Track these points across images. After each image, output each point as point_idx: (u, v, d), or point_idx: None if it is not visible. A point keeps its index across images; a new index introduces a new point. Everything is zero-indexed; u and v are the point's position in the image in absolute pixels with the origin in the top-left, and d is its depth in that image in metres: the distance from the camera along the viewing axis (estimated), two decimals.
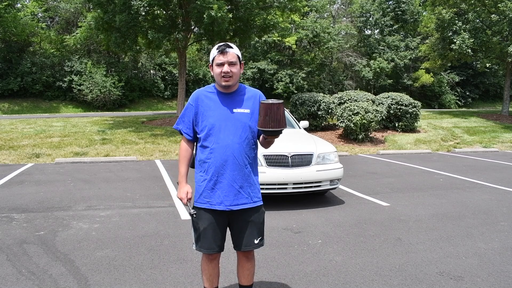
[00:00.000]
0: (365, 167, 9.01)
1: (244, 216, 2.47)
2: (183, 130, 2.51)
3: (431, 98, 32.34)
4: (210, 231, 2.44)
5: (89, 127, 14.43)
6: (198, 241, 2.47)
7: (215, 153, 2.39)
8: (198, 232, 2.46)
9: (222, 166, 2.38)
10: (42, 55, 25.17)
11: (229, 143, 2.38)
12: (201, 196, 2.44)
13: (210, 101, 2.44)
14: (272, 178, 5.20)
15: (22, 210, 5.18)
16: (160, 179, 7.32)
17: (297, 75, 26.36)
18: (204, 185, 2.43)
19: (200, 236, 2.46)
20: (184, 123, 2.50)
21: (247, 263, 2.59)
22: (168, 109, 26.22)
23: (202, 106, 2.44)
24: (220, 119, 2.39)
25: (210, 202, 2.42)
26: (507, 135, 15.17)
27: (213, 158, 2.39)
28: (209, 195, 2.42)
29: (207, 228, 2.44)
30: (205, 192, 2.43)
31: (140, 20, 14.44)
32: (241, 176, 2.42)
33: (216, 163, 2.38)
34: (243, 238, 2.49)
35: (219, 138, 2.38)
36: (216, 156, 2.39)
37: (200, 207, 2.45)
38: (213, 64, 2.41)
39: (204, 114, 2.42)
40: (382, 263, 3.61)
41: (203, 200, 2.44)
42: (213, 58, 2.40)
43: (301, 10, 18.27)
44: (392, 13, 31.47)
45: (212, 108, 2.42)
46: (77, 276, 3.27)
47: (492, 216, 5.17)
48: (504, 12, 17.55)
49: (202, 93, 2.48)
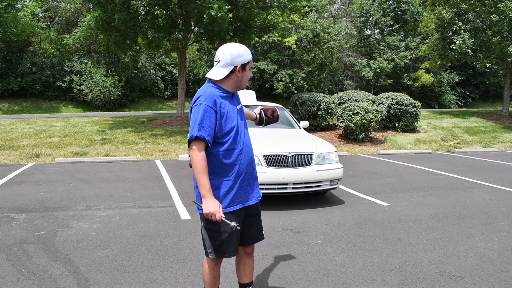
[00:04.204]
0: (365, 167, 9.01)
1: (256, 209, 2.56)
2: (207, 137, 2.27)
3: (431, 98, 32.35)
4: (236, 233, 2.41)
5: (89, 127, 14.43)
6: (221, 248, 2.39)
7: (244, 153, 2.42)
8: (221, 239, 2.37)
9: (250, 164, 2.48)
10: (42, 55, 25.17)
11: (248, 141, 2.50)
12: (231, 200, 2.38)
13: (226, 102, 2.39)
14: (272, 178, 5.20)
15: (22, 210, 5.18)
16: (160, 179, 7.32)
17: (297, 75, 26.36)
18: (234, 189, 2.37)
19: (225, 241, 2.38)
20: (205, 128, 2.26)
21: (248, 260, 2.62)
22: (168, 109, 26.22)
23: (223, 108, 2.35)
24: (237, 119, 2.43)
25: (242, 201, 2.43)
26: (507, 135, 15.17)
27: (243, 158, 2.41)
28: (240, 195, 2.41)
29: (234, 231, 2.36)
30: (237, 194, 2.39)
31: (140, 20, 14.45)
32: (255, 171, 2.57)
33: (246, 163, 2.43)
34: (255, 231, 2.57)
35: (243, 138, 2.44)
36: (245, 155, 2.42)
37: (232, 210, 2.38)
38: (246, 67, 2.41)
39: (228, 116, 2.36)
40: (382, 263, 3.61)
41: (235, 202, 2.39)
42: (247, 62, 2.40)
43: (301, 10, 18.29)
44: (392, 13, 31.47)
45: (230, 109, 2.39)
46: (77, 276, 3.27)
47: (492, 216, 5.17)
48: (504, 12, 17.54)
49: (218, 95, 2.36)
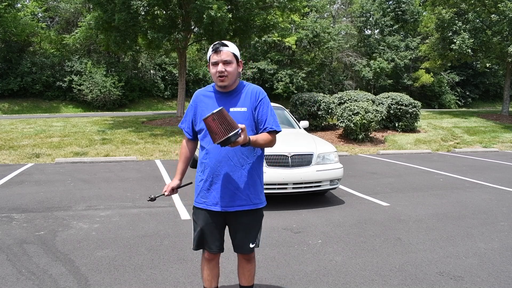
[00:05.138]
0: (365, 167, 9.01)
1: (241, 219, 2.41)
2: (184, 129, 2.56)
3: (431, 98, 32.35)
4: (207, 231, 2.44)
5: (89, 127, 14.43)
6: (195, 240, 2.49)
7: (210, 154, 2.36)
8: (196, 232, 2.48)
9: (216, 167, 2.35)
10: (42, 55, 25.17)
11: None
12: (198, 196, 2.45)
13: (209, 100, 2.41)
14: (272, 178, 5.20)
15: (22, 210, 5.18)
16: (160, 179, 7.32)
17: (297, 75, 26.36)
18: (201, 185, 2.43)
19: (198, 236, 2.47)
20: (186, 122, 2.54)
21: (247, 265, 2.57)
22: (168, 109, 26.22)
23: (201, 106, 2.42)
24: None
25: (206, 203, 2.42)
26: (507, 135, 15.17)
27: (209, 159, 2.37)
28: (205, 195, 2.41)
29: (204, 228, 2.44)
30: (202, 192, 2.43)
31: (139, 20, 14.45)
32: (238, 177, 2.35)
33: (211, 164, 2.36)
34: (238, 241, 2.47)
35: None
36: (211, 157, 2.36)
37: (198, 207, 2.46)
38: (209, 63, 2.35)
39: (202, 114, 2.37)
40: (382, 263, 3.61)
41: (200, 200, 2.44)
42: (208, 57, 2.35)
43: (301, 10, 18.28)
44: (392, 13, 31.47)
45: (209, 108, 2.35)
46: (77, 276, 3.27)
47: (492, 216, 5.17)
48: (504, 12, 17.55)
49: (202, 93, 2.48)
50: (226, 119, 2.05)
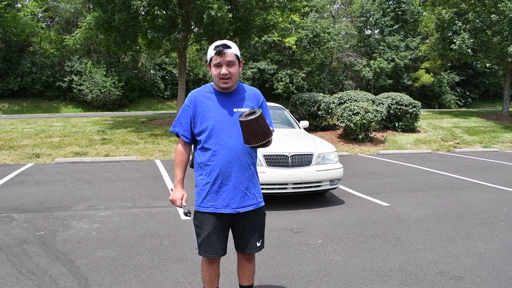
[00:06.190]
0: (365, 167, 9.01)
1: (248, 219, 2.40)
2: (180, 133, 2.42)
3: (431, 98, 32.36)
4: (214, 235, 2.36)
5: (89, 127, 14.43)
6: (202, 246, 2.39)
7: (219, 155, 2.29)
8: (202, 237, 2.38)
9: (227, 168, 2.30)
10: (42, 55, 25.18)
11: (232, 144, 2.29)
12: (204, 200, 2.35)
13: (209, 101, 2.36)
14: (272, 178, 5.20)
15: (22, 210, 5.18)
16: (160, 179, 7.32)
17: (297, 75, 26.36)
18: (207, 188, 2.34)
19: (204, 241, 2.37)
20: (182, 125, 2.42)
21: (248, 265, 2.55)
22: (168, 109, 26.23)
23: (201, 107, 2.35)
24: (221, 120, 2.31)
25: (215, 206, 2.33)
26: (507, 135, 15.17)
27: (217, 160, 2.30)
28: (213, 198, 2.33)
29: (212, 232, 2.35)
30: (209, 196, 2.34)
31: (139, 20, 14.44)
32: (246, 177, 2.35)
33: (220, 165, 2.29)
34: (247, 241, 2.43)
35: (221, 140, 2.29)
36: (219, 158, 2.29)
37: (204, 211, 2.36)
38: (210, 64, 2.31)
39: (204, 115, 2.32)
40: (382, 263, 3.61)
41: (206, 204, 2.35)
42: (210, 58, 2.30)
43: (301, 10, 18.29)
44: (392, 13, 31.48)
45: (211, 108, 2.33)
46: (77, 276, 3.27)
47: (492, 216, 5.17)
48: (504, 12, 17.55)
49: (200, 94, 2.39)
50: (265, 123, 2.13)
